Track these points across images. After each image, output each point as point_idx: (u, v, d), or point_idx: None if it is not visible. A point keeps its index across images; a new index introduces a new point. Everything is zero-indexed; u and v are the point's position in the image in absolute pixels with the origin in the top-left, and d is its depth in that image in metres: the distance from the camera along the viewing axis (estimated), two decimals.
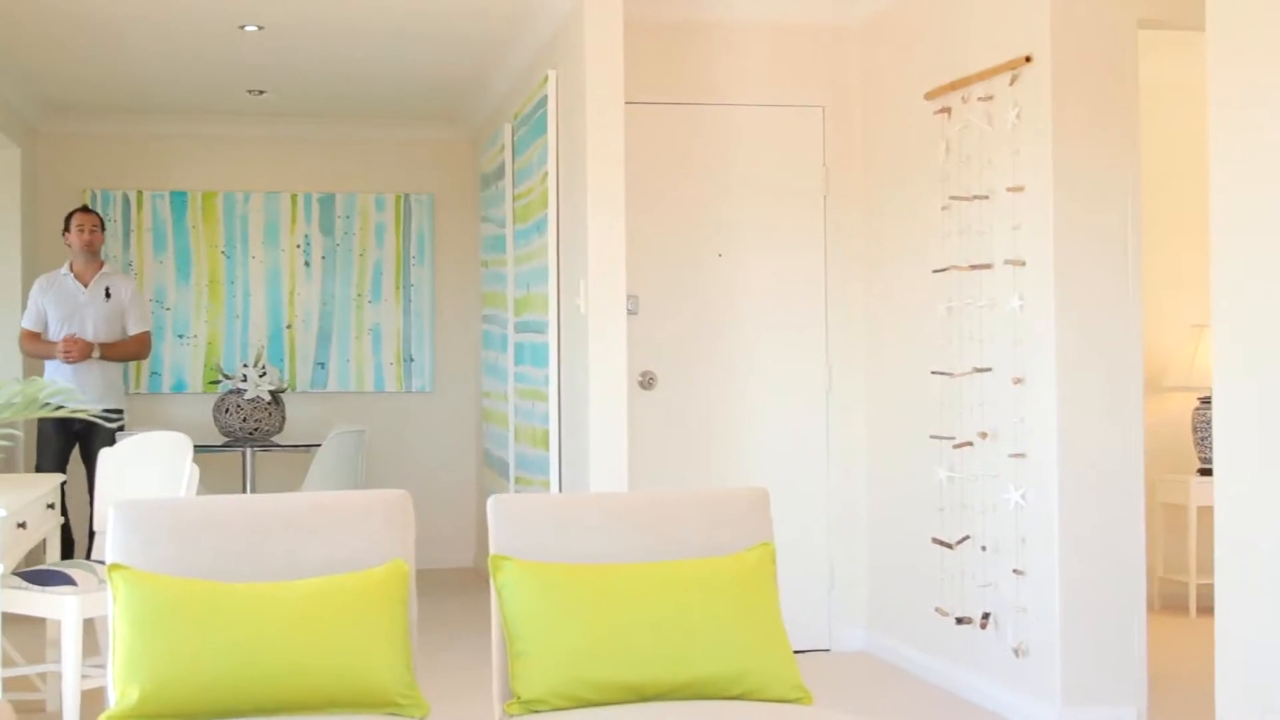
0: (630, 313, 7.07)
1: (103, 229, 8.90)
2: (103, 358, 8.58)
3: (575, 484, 6.95)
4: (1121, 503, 5.77)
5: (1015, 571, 5.92)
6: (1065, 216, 5.71)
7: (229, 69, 8.67)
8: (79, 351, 8.46)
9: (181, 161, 10.06)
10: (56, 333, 8.58)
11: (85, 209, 8.96)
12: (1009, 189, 5.92)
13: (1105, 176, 5.76)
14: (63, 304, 8.64)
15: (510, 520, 3.83)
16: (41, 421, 8.50)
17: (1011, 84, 5.91)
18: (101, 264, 8.86)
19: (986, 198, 6.11)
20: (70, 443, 8.54)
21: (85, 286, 8.69)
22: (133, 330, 8.77)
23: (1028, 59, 5.79)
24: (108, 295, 8.71)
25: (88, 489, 7.69)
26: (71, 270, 8.74)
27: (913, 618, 6.87)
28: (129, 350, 8.82)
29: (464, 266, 10.52)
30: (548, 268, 7.36)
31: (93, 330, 8.60)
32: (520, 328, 8.26)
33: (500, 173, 8.91)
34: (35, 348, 8.70)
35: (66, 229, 8.80)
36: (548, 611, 3.61)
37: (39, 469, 8.46)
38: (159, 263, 10.06)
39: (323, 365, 10.28)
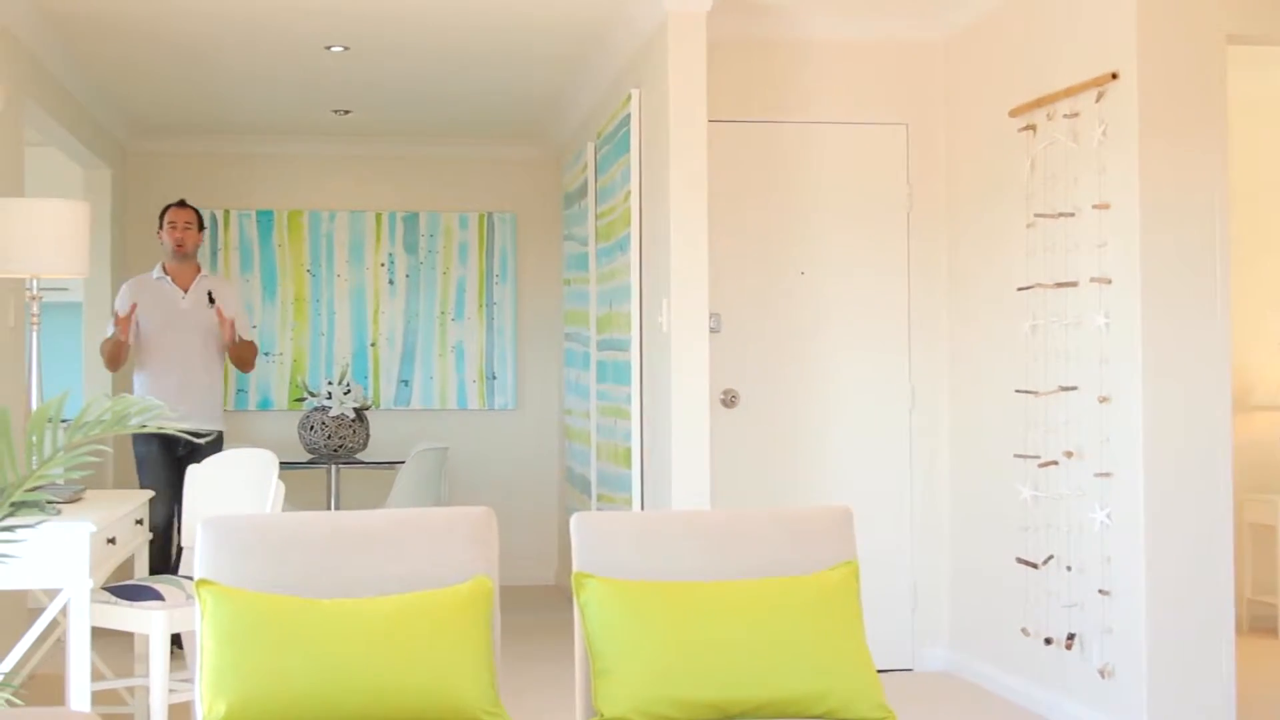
0: (713, 331, 7.07)
1: (200, 227, 8.00)
2: (232, 358, 7.93)
3: (657, 502, 6.95)
4: (1209, 522, 5.71)
5: (1101, 592, 5.86)
6: (1152, 233, 5.66)
7: (315, 89, 8.75)
8: (230, 332, 7.75)
9: (268, 181, 10.16)
10: (160, 340, 7.78)
11: (181, 203, 8.03)
12: (1095, 206, 5.87)
13: (1192, 193, 5.71)
14: (159, 309, 7.79)
15: (593, 538, 3.83)
16: (143, 446, 7.71)
17: (1097, 101, 5.87)
18: (198, 267, 8.02)
19: (1072, 215, 6.07)
20: (176, 466, 7.55)
21: (185, 292, 7.85)
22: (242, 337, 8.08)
23: (1114, 75, 5.75)
24: (210, 302, 7.88)
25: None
26: (166, 273, 7.91)
27: (997, 637, 6.82)
28: (251, 353, 8.10)
29: (546, 285, 10.56)
30: (630, 286, 7.38)
31: (199, 340, 7.83)
32: (602, 346, 8.27)
33: (583, 191, 8.93)
34: (114, 350, 7.69)
35: (160, 226, 7.99)
36: (631, 629, 3.61)
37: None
38: (245, 281, 10.16)
39: (406, 383, 10.35)
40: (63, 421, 3.10)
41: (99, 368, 9.45)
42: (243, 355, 7.99)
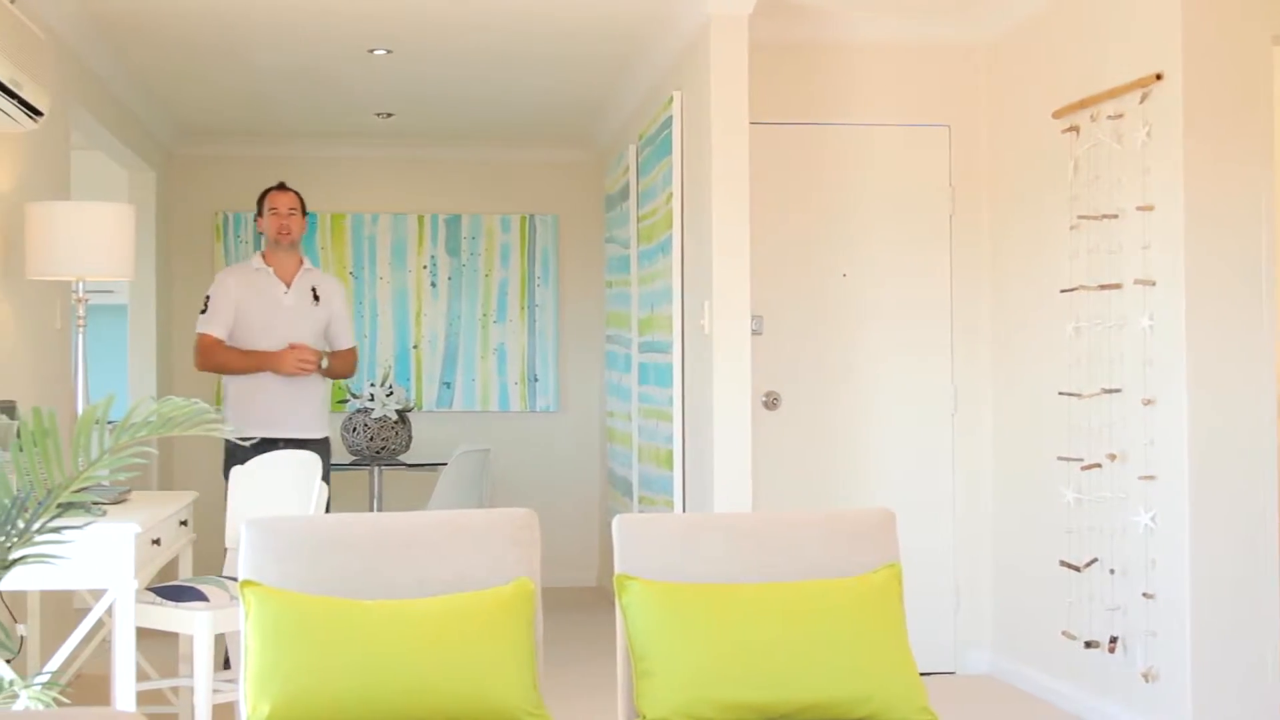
0: (754, 333, 7.06)
1: (304, 213, 7.20)
2: (326, 374, 7.11)
3: (699, 504, 6.95)
4: (1254, 525, 5.67)
5: (1145, 595, 5.83)
6: (1197, 235, 5.63)
7: (358, 92, 8.79)
8: (313, 364, 6.94)
9: (310, 183, 10.20)
10: (257, 342, 6.97)
11: (281, 186, 7.23)
12: (1139, 208, 5.85)
13: (1238, 194, 5.67)
14: (263, 306, 7.00)
15: (635, 540, 3.83)
16: (242, 455, 6.61)
17: (1142, 102, 5.84)
18: (301, 259, 7.18)
19: (1116, 217, 6.05)
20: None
21: (288, 286, 7.08)
22: (342, 345, 7.26)
23: (1158, 76, 5.72)
24: (315, 299, 7.12)
25: None
26: (266, 263, 7.11)
27: (1039, 640, 6.79)
28: (343, 369, 7.28)
29: (588, 287, 10.57)
30: (672, 288, 7.38)
31: (304, 342, 7.04)
32: (644, 348, 8.28)
33: (625, 193, 8.94)
34: (229, 358, 6.97)
35: (259, 212, 7.21)
36: (673, 631, 3.61)
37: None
38: None
39: (448, 385, 10.37)
40: (109, 423, 3.12)
41: (145, 369, 9.52)
42: (345, 366, 7.27)
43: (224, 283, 7.02)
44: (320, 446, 7.03)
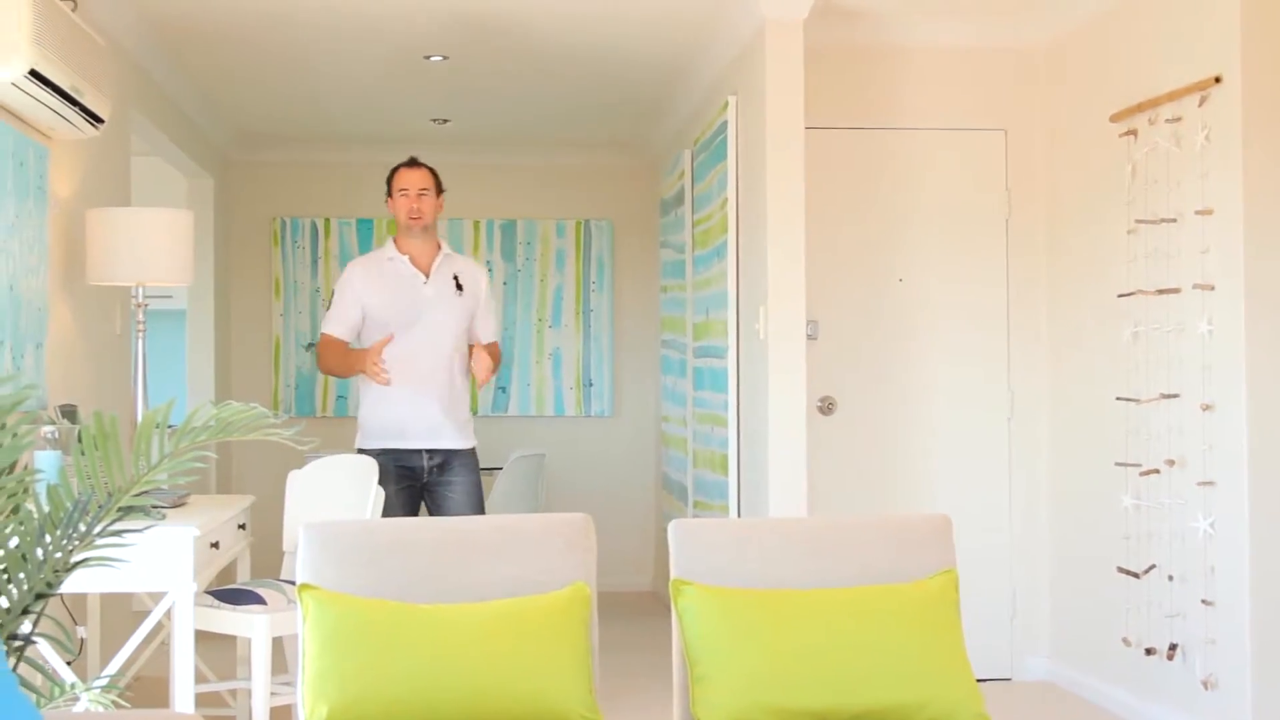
0: (810, 338, 7.05)
1: (438, 192, 6.28)
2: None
3: (754, 509, 6.94)
4: None
5: (1204, 602, 5.79)
6: (1256, 239, 5.59)
7: (414, 98, 8.83)
8: (491, 368, 6.12)
9: (367, 189, 10.24)
10: (395, 341, 6.09)
11: (412, 162, 6.30)
12: (1197, 212, 5.81)
13: None
14: (399, 298, 6.15)
15: (691, 544, 3.84)
16: (380, 467, 5.99)
17: (1200, 105, 5.80)
18: (439, 244, 6.32)
19: (1174, 221, 6.01)
20: (412, 494, 6.21)
21: (426, 276, 6.23)
22: (487, 338, 6.38)
23: (1217, 79, 5.68)
24: (459, 287, 6.25)
25: None
26: (400, 251, 6.25)
27: (1097, 647, 6.75)
28: (497, 359, 6.33)
29: (643, 292, 10.58)
30: (727, 293, 7.38)
31: (450, 338, 6.19)
32: (699, 353, 8.28)
33: (680, 198, 8.95)
34: (332, 360, 6.21)
35: (389, 193, 6.30)
36: (729, 636, 3.61)
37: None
38: None
39: (504, 389, 10.40)
40: (168, 428, 3.15)
41: (203, 374, 9.58)
42: (497, 362, 6.34)
43: (350, 276, 6.23)
44: (460, 458, 6.22)
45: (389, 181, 6.28)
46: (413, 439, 6.15)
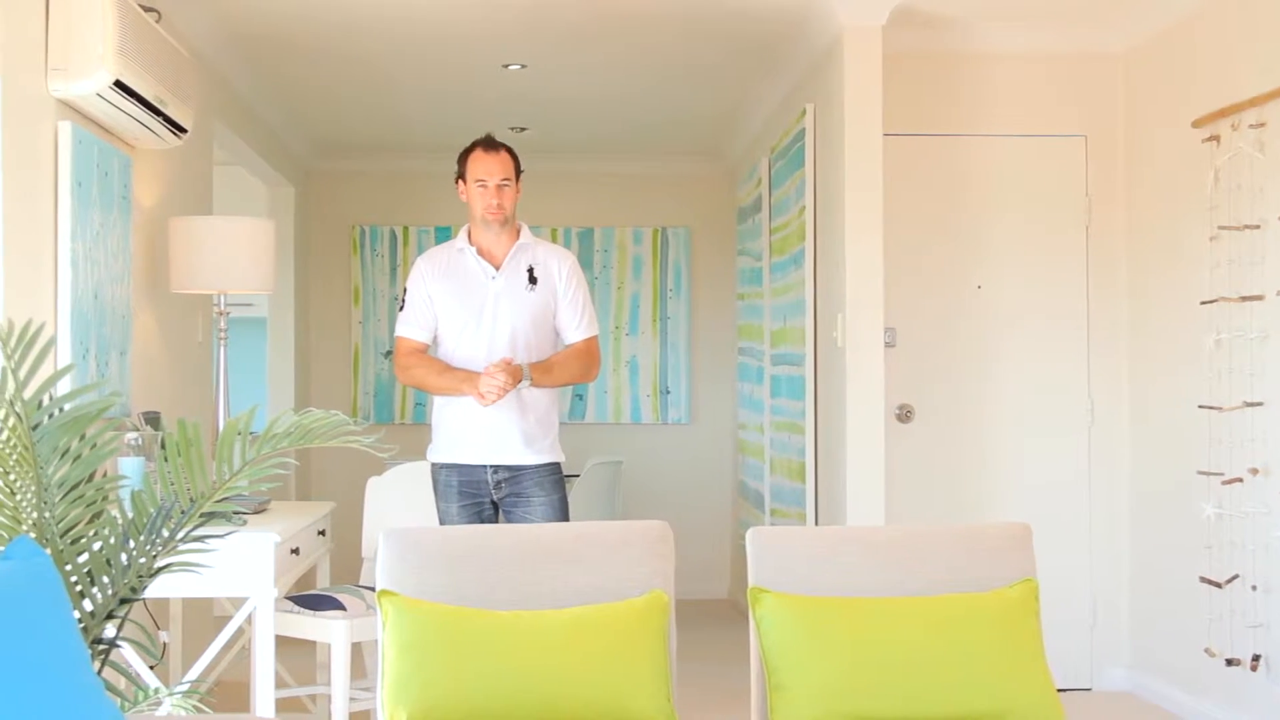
0: (888, 345, 7.03)
1: (517, 176, 5.47)
2: (541, 384, 5.37)
3: (831, 517, 6.92)
4: None
5: None
6: None
7: (492, 107, 8.86)
8: (503, 386, 5.20)
9: (446, 197, 10.28)
10: (459, 342, 5.40)
11: (489, 143, 5.48)
12: None
13: None
14: (468, 295, 5.38)
15: (769, 553, 3.83)
16: (442, 483, 5.44)
17: None
18: (518, 230, 5.49)
19: (1258, 227, 5.94)
20: (478, 512, 5.41)
21: (496, 269, 5.42)
22: (574, 336, 5.51)
23: None
24: (532, 280, 5.43)
25: None
26: (471, 242, 5.47)
27: (1178, 658, 6.68)
28: (572, 372, 5.47)
29: (720, 299, 10.58)
30: (804, 300, 7.36)
31: (522, 338, 5.38)
32: (776, 360, 8.27)
33: (757, 206, 8.94)
34: (425, 375, 5.43)
35: (460, 174, 5.53)
36: (807, 645, 3.60)
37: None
38: None
39: (581, 397, 10.42)
40: (250, 434, 3.18)
41: (283, 381, 9.66)
42: (572, 368, 5.49)
43: (420, 271, 5.48)
44: (533, 475, 5.41)
45: (461, 161, 5.51)
46: (474, 454, 5.39)
